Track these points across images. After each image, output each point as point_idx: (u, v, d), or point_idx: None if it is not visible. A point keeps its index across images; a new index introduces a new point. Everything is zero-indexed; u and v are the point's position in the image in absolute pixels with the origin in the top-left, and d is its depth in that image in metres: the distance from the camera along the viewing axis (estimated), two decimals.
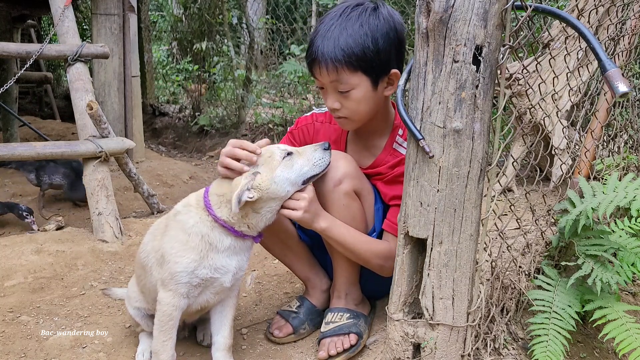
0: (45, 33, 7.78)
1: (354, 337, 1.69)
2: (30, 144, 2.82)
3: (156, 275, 1.57)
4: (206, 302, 1.60)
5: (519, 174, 2.64)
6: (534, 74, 2.40)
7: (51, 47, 2.98)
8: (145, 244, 1.65)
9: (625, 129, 2.54)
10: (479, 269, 1.36)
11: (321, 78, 1.61)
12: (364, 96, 1.59)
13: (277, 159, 1.51)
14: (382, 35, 1.55)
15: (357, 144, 1.81)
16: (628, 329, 1.43)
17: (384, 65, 1.58)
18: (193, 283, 1.51)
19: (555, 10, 1.28)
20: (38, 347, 1.78)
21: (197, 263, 1.50)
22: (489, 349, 1.49)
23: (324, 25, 1.59)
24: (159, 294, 1.54)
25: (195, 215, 1.52)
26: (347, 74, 1.56)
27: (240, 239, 1.54)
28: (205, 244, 1.50)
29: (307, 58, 1.64)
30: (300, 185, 1.55)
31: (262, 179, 1.48)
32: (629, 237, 1.73)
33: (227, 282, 1.56)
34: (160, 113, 7.14)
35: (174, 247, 1.51)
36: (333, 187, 1.61)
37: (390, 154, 1.73)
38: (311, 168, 1.55)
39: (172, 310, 1.52)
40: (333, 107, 1.63)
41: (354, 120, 1.66)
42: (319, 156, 1.56)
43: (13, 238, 2.60)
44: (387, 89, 1.64)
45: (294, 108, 5.75)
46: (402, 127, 1.73)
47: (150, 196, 3.24)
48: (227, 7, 6.76)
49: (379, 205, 1.74)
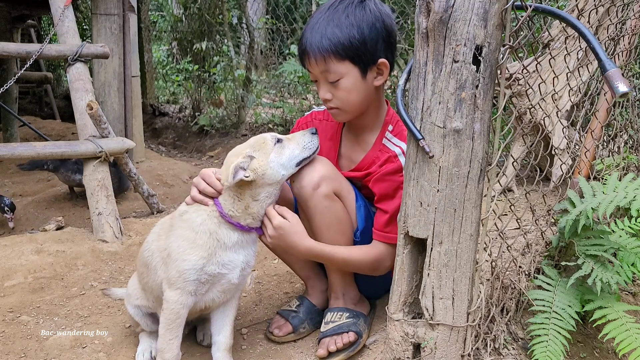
0: (45, 33, 7.77)
1: (352, 335, 1.70)
2: (30, 144, 2.82)
3: (161, 274, 1.58)
4: (212, 300, 1.61)
5: (519, 174, 2.65)
6: (534, 74, 2.41)
7: (51, 47, 2.98)
8: (149, 242, 1.66)
9: (625, 129, 2.54)
10: (479, 269, 1.36)
11: (312, 69, 1.66)
12: (353, 85, 1.63)
13: (269, 145, 1.58)
14: (368, 25, 1.60)
15: (351, 140, 1.83)
16: (628, 329, 1.43)
17: (371, 54, 1.62)
18: (201, 280, 1.53)
19: (555, 10, 1.28)
20: (38, 347, 1.78)
21: (205, 260, 1.52)
22: (489, 349, 1.49)
23: (313, 19, 1.66)
24: (166, 292, 1.55)
25: (203, 214, 1.56)
26: (334, 63, 1.61)
27: (246, 232, 1.58)
28: (213, 241, 1.54)
29: (298, 51, 1.70)
30: (294, 168, 1.61)
31: (258, 163, 1.54)
32: (629, 237, 1.73)
33: (235, 279, 1.58)
34: (160, 113, 7.13)
35: (181, 245, 1.53)
36: (312, 191, 1.63)
37: (380, 149, 1.73)
38: (301, 151, 1.62)
39: (179, 309, 1.53)
40: (325, 98, 1.68)
41: (346, 111, 1.69)
42: (307, 139, 1.63)
43: (13, 238, 2.60)
44: (377, 79, 1.67)
45: (294, 108, 5.75)
46: (392, 123, 1.74)
47: (150, 196, 3.24)
48: (227, 7, 6.75)
49: (360, 203, 1.75)
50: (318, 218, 1.66)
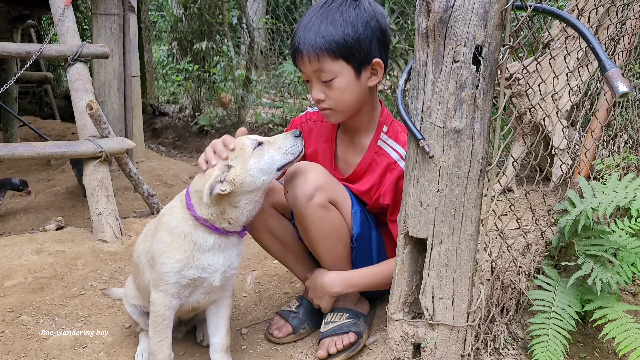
0: (45, 33, 7.77)
1: (353, 336, 1.70)
2: (30, 144, 2.82)
3: (148, 276, 1.59)
4: (197, 302, 1.60)
5: (519, 174, 2.65)
6: (534, 74, 2.41)
7: (51, 47, 2.98)
8: (138, 244, 1.68)
9: (625, 129, 2.54)
10: (479, 269, 1.36)
11: (304, 68, 1.63)
12: (347, 85, 1.60)
13: (248, 151, 1.52)
14: (363, 24, 1.57)
15: (345, 142, 1.80)
16: (628, 329, 1.43)
17: (366, 53, 1.59)
18: (182, 283, 1.52)
19: (555, 10, 1.28)
20: (38, 347, 1.78)
21: (182, 263, 1.50)
22: (489, 349, 1.49)
23: (306, 17, 1.63)
24: (152, 294, 1.55)
25: (177, 216, 1.54)
26: (328, 62, 1.57)
27: (224, 236, 1.54)
28: (189, 244, 1.51)
29: (291, 49, 1.67)
30: (275, 173, 1.56)
31: (235, 173, 1.49)
32: (629, 237, 1.73)
33: (217, 281, 1.55)
34: (160, 113, 7.13)
35: (161, 248, 1.53)
36: (306, 202, 1.60)
37: (376, 151, 1.71)
38: (283, 156, 1.56)
39: (164, 310, 1.53)
40: (318, 98, 1.64)
41: (339, 112, 1.66)
42: (290, 144, 1.57)
43: (13, 238, 2.60)
44: (371, 79, 1.65)
45: (294, 108, 5.75)
46: (386, 123, 1.72)
47: (150, 196, 3.24)
48: (227, 7, 6.75)
49: (356, 209, 1.71)
50: (314, 228, 1.65)
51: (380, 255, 1.77)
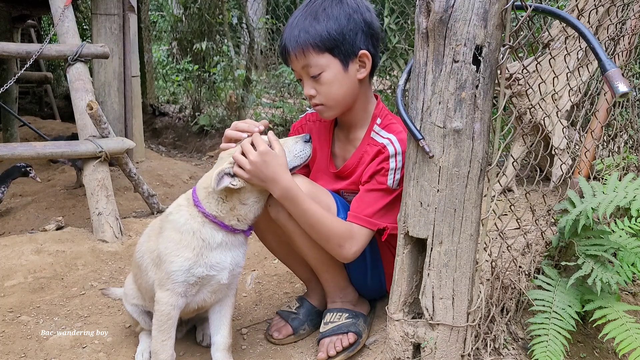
0: (45, 33, 7.78)
1: (352, 336, 1.69)
2: (30, 144, 2.82)
3: (152, 275, 1.58)
4: (203, 300, 1.60)
5: (519, 174, 2.64)
6: (534, 74, 2.41)
7: (51, 47, 2.98)
8: (141, 244, 1.67)
9: (625, 129, 2.54)
10: (479, 269, 1.36)
11: (294, 65, 1.66)
12: (335, 78, 1.62)
13: None
14: (346, 17, 1.60)
15: (342, 138, 1.81)
16: (628, 329, 1.43)
17: (351, 45, 1.61)
18: (190, 282, 1.52)
19: (555, 10, 1.28)
20: (38, 347, 1.78)
21: (192, 261, 1.51)
22: (489, 349, 1.49)
23: (292, 17, 1.67)
24: (157, 293, 1.54)
25: (185, 213, 1.55)
26: (314, 56, 1.60)
27: (232, 233, 1.56)
28: (198, 241, 1.52)
29: (279, 49, 1.70)
30: None
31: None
32: (629, 237, 1.73)
33: (224, 279, 1.56)
34: (160, 113, 7.13)
35: (168, 247, 1.53)
36: (289, 216, 1.60)
37: (368, 143, 1.70)
38: (292, 160, 1.59)
39: (170, 310, 1.53)
40: (309, 94, 1.66)
41: (330, 106, 1.67)
42: (299, 148, 1.61)
43: (13, 238, 2.60)
44: (360, 71, 1.65)
45: (294, 108, 5.75)
46: (380, 116, 1.72)
47: (150, 196, 3.24)
48: (227, 7, 6.75)
49: (342, 216, 1.68)
50: (298, 239, 1.65)
51: (374, 258, 1.77)
